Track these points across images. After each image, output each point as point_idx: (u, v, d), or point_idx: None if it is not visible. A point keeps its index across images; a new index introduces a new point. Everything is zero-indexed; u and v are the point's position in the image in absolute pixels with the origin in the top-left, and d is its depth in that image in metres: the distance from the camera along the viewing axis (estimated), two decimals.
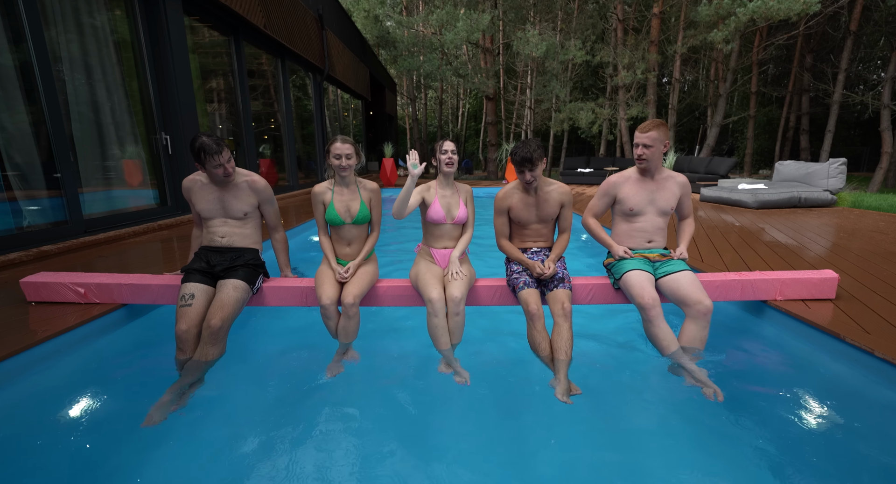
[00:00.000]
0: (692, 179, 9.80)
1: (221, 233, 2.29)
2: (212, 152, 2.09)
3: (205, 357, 1.95)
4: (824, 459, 1.52)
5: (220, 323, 1.98)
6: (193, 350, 1.99)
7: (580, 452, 1.60)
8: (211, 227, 2.31)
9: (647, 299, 2.09)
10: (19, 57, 3.40)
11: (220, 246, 2.28)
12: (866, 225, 5.02)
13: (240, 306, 2.11)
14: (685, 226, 2.52)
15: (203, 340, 1.97)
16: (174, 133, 4.98)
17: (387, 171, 12.10)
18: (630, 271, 2.23)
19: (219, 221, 2.30)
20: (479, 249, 3.99)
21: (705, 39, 12.59)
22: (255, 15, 6.37)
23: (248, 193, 2.31)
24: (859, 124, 20.23)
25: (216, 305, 2.04)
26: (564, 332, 2.06)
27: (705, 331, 2.10)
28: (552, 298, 2.21)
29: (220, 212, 2.29)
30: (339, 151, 2.25)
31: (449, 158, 2.31)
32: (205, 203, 2.27)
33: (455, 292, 2.13)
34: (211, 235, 2.30)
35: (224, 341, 2.03)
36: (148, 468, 1.47)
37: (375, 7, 16.48)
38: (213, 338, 1.96)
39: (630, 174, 2.40)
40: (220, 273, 2.19)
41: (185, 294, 2.07)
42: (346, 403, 1.86)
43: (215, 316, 1.98)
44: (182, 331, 1.99)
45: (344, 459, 1.52)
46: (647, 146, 2.24)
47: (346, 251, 2.38)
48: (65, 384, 1.89)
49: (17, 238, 3.36)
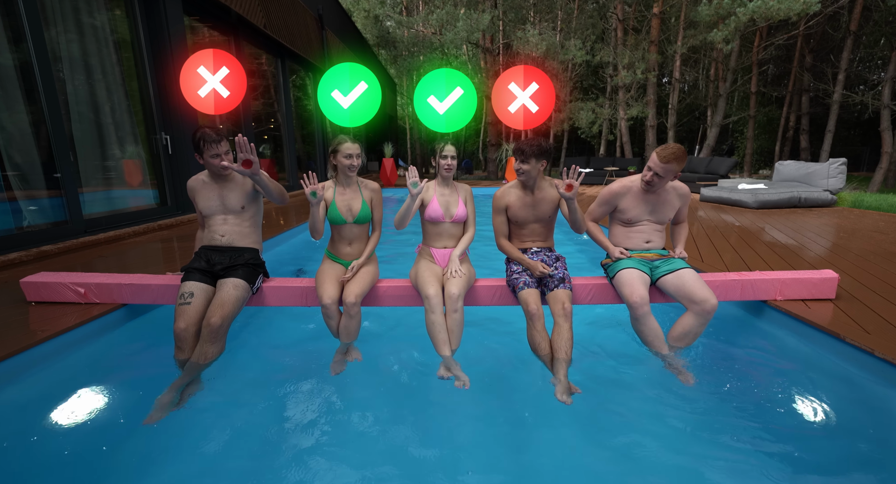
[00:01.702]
0: (692, 180, 9.81)
1: (221, 231, 2.31)
2: (210, 141, 2.15)
3: (204, 356, 1.95)
4: (824, 458, 1.52)
5: (220, 321, 1.98)
6: (192, 349, 1.99)
7: (580, 452, 1.59)
8: (211, 226, 2.33)
9: (635, 298, 2.11)
10: (19, 57, 3.40)
11: (220, 245, 2.29)
12: (866, 225, 5.02)
13: (240, 305, 2.11)
14: (681, 229, 2.53)
15: (202, 339, 1.97)
16: (174, 133, 4.98)
17: (387, 171, 12.10)
18: (623, 270, 2.25)
19: (219, 219, 2.32)
20: (483, 249, 3.98)
21: (705, 39, 12.60)
22: (255, 15, 6.37)
23: (242, 181, 2.34)
24: (859, 124, 20.23)
25: (216, 303, 2.04)
26: (565, 332, 2.06)
27: (703, 328, 2.14)
28: (552, 298, 2.21)
29: (219, 208, 2.31)
30: (350, 151, 2.29)
31: (448, 164, 2.35)
32: (206, 200, 2.31)
33: (453, 289, 2.13)
34: (211, 234, 2.31)
35: (223, 340, 2.03)
36: (148, 468, 1.47)
37: (375, 7, 16.46)
38: (213, 336, 1.96)
39: (632, 186, 2.36)
40: (220, 272, 2.20)
41: (185, 292, 2.07)
42: (345, 403, 1.86)
43: (215, 314, 1.98)
44: (181, 329, 1.99)
45: (343, 460, 1.52)
46: (660, 176, 2.21)
47: (348, 250, 2.38)
48: (65, 384, 1.89)
49: (17, 238, 3.36)
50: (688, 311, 2.14)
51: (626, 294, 2.16)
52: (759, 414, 1.74)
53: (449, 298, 2.13)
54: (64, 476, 1.44)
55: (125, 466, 1.47)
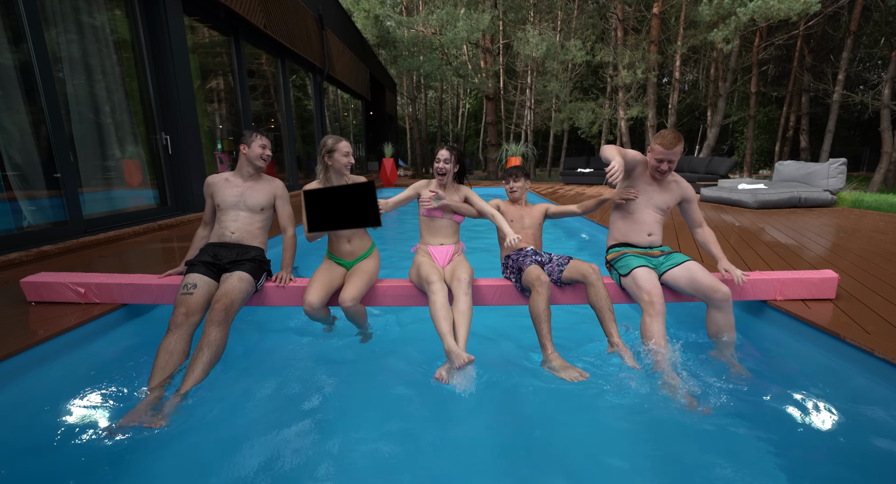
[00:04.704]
0: (692, 180, 9.80)
1: (232, 228, 2.34)
2: (261, 132, 2.37)
3: (208, 341, 1.87)
4: (824, 458, 1.53)
5: (225, 307, 1.96)
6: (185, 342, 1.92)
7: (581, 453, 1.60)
8: (223, 221, 2.35)
9: (655, 296, 2.14)
10: (19, 57, 3.40)
11: (229, 242, 2.32)
12: (866, 225, 5.02)
13: (244, 297, 2.11)
14: (707, 236, 2.46)
15: (207, 322, 1.93)
16: (174, 133, 4.98)
17: (387, 171, 12.10)
18: (638, 268, 2.24)
19: (233, 214, 2.36)
20: (482, 254, 3.98)
21: (705, 39, 12.60)
22: (255, 15, 6.37)
23: (268, 187, 2.45)
24: (859, 124, 20.23)
25: (221, 292, 2.03)
26: (601, 289, 2.15)
27: (731, 316, 2.17)
28: (573, 268, 2.28)
29: (238, 204, 2.37)
30: (348, 149, 2.33)
31: (441, 168, 2.37)
32: (226, 196, 2.36)
33: (463, 274, 2.17)
34: (221, 230, 2.34)
35: (227, 329, 1.97)
36: (148, 468, 1.47)
37: (375, 7, 16.46)
38: (218, 318, 1.92)
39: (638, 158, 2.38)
40: (225, 265, 2.22)
41: (188, 283, 2.05)
42: (346, 403, 1.86)
43: (220, 301, 1.98)
44: (180, 314, 1.93)
45: (343, 459, 1.52)
46: (671, 161, 2.25)
47: (347, 248, 2.38)
48: (65, 384, 1.89)
49: (17, 238, 3.35)
50: (708, 307, 2.19)
51: (644, 292, 2.16)
52: (759, 414, 1.74)
53: (458, 281, 2.14)
54: (64, 476, 1.43)
55: (125, 465, 1.47)
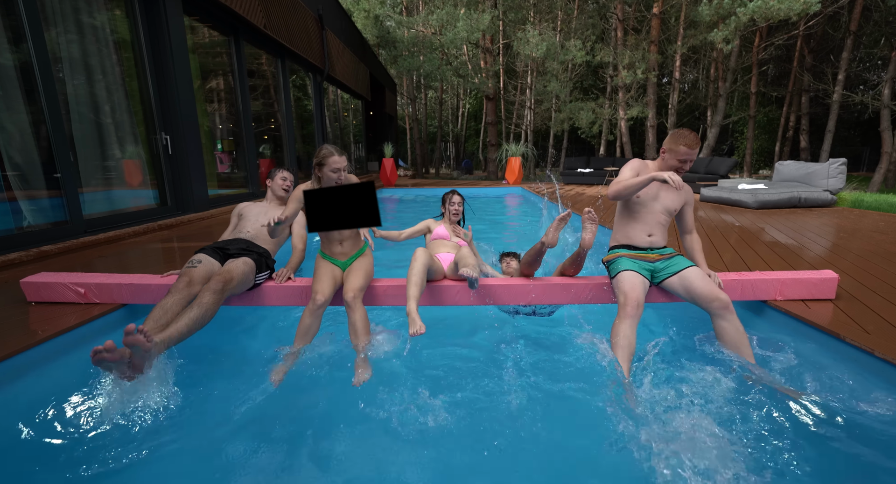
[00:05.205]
0: (692, 179, 9.80)
1: (249, 228, 2.54)
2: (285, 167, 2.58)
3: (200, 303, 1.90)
4: (823, 459, 1.52)
5: (224, 280, 2.03)
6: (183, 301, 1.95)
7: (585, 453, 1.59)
8: (242, 224, 2.59)
9: (631, 299, 2.12)
10: (19, 57, 3.40)
11: (242, 238, 2.46)
12: (866, 225, 5.02)
13: (245, 279, 2.16)
14: (693, 243, 2.47)
15: (202, 289, 1.98)
16: (174, 133, 4.98)
17: (387, 171, 12.10)
18: (625, 271, 2.25)
19: (253, 219, 2.58)
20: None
21: (705, 39, 12.60)
22: (255, 15, 6.37)
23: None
24: (859, 124, 20.24)
25: (223, 269, 2.12)
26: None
27: (736, 321, 2.08)
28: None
29: (260, 215, 2.60)
30: (338, 165, 2.18)
31: (455, 210, 2.90)
32: (252, 208, 2.68)
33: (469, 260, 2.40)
34: (239, 229, 2.53)
35: (218, 303, 2.00)
36: (147, 468, 1.47)
37: (375, 7, 16.46)
38: (214, 287, 1.97)
39: (652, 169, 2.38)
40: (232, 253, 2.33)
41: (194, 259, 2.16)
42: (345, 403, 1.86)
43: (220, 274, 2.06)
44: (183, 282, 2.00)
45: (341, 460, 1.52)
46: (692, 162, 2.25)
47: (339, 250, 2.37)
48: (65, 384, 1.89)
49: (17, 238, 3.35)
50: (711, 317, 2.15)
51: (625, 292, 2.16)
52: (758, 414, 1.74)
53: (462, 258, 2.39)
54: (64, 476, 1.43)
55: (125, 465, 1.47)
